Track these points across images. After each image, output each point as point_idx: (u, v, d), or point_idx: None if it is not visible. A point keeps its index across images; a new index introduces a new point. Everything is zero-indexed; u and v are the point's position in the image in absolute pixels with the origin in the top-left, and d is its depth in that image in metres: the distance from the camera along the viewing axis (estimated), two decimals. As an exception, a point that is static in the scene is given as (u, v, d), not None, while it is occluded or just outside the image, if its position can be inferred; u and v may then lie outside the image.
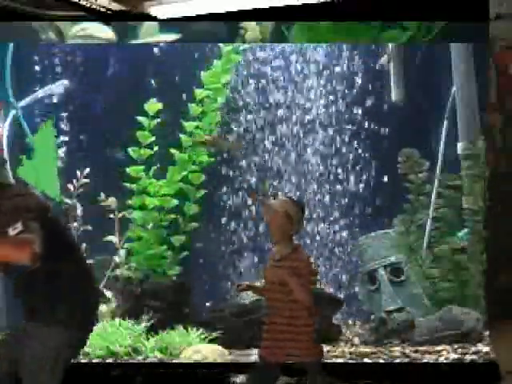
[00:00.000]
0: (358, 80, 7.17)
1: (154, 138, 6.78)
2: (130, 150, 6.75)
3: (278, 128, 7.26)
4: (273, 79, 7.25)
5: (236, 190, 7.22)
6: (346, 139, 7.20)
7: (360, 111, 7.16)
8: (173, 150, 6.83)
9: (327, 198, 7.23)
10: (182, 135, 6.84)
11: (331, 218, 7.22)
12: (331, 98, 7.21)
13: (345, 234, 7.19)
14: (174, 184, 6.84)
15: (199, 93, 6.86)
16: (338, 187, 7.21)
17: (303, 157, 7.26)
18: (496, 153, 5.20)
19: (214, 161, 6.99)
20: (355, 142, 7.18)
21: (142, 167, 6.76)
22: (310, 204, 7.22)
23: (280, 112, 7.25)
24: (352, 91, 7.19)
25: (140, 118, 6.73)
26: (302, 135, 7.26)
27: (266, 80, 7.24)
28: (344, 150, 7.20)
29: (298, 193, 7.20)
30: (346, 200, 7.18)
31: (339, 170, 7.21)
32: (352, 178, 7.18)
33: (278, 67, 7.25)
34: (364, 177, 7.15)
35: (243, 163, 7.23)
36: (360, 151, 7.16)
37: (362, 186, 7.14)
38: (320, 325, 3.82)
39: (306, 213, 7.14)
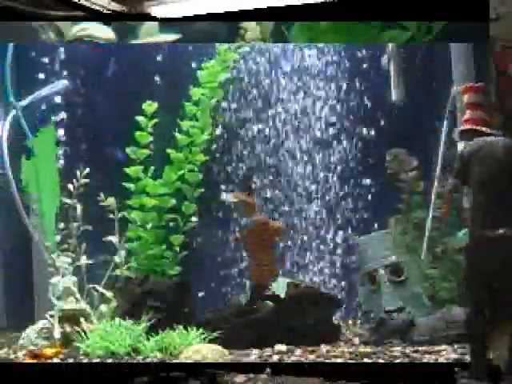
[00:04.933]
0: (358, 80, 7.18)
1: (151, 138, 6.79)
2: (128, 150, 6.76)
3: (275, 127, 7.26)
4: (270, 79, 7.26)
5: (234, 188, 7.25)
6: (345, 139, 7.20)
7: (360, 111, 7.17)
8: (169, 150, 6.83)
9: (326, 197, 7.23)
10: (178, 134, 6.85)
11: (330, 217, 7.23)
12: (330, 97, 7.22)
13: (342, 234, 7.20)
14: (171, 183, 6.84)
15: (195, 92, 6.87)
16: (337, 187, 7.21)
17: (301, 156, 7.26)
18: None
19: (209, 160, 7.01)
20: (354, 141, 7.19)
21: (141, 167, 6.77)
22: (310, 203, 7.23)
23: (277, 112, 7.26)
24: (351, 91, 7.19)
25: (138, 118, 6.74)
26: (299, 135, 7.27)
27: (264, 80, 7.25)
28: (343, 149, 7.21)
29: (294, 192, 7.24)
30: (345, 199, 7.19)
31: (338, 170, 7.22)
32: (351, 178, 7.19)
33: (276, 67, 7.27)
34: (363, 176, 7.15)
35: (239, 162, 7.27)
36: (359, 151, 7.17)
37: (361, 185, 7.14)
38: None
39: (307, 211, 7.27)
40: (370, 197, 7.16)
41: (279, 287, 6.26)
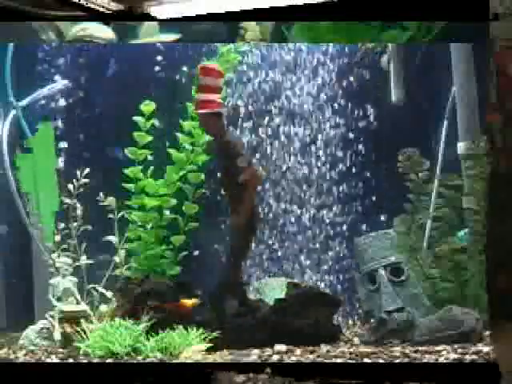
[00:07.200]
0: (358, 80, 7.18)
1: (151, 138, 6.79)
2: (127, 150, 6.76)
3: (276, 128, 7.26)
4: (271, 79, 7.26)
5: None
6: (346, 139, 7.21)
7: (360, 111, 7.17)
8: (170, 150, 6.83)
9: (327, 198, 7.24)
10: (180, 135, 6.85)
11: (331, 218, 7.23)
12: (331, 97, 7.22)
13: (344, 233, 7.20)
14: (172, 184, 6.84)
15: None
16: (338, 187, 7.22)
17: (303, 156, 7.26)
18: (496, 153, 5.20)
19: (211, 160, 7.00)
20: (355, 141, 7.19)
21: (140, 167, 6.77)
22: (310, 203, 7.24)
23: (278, 112, 7.26)
24: (352, 91, 7.20)
25: (136, 118, 6.74)
26: (301, 135, 7.27)
27: (265, 80, 7.26)
28: (344, 149, 7.21)
29: (298, 191, 7.24)
30: (346, 200, 7.20)
31: (339, 170, 7.22)
32: (351, 178, 7.19)
33: (276, 67, 7.27)
34: (364, 177, 7.16)
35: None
36: (359, 151, 7.17)
37: (361, 185, 7.15)
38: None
39: (306, 212, 7.27)
40: (375, 196, 7.16)
41: (278, 288, 6.27)
